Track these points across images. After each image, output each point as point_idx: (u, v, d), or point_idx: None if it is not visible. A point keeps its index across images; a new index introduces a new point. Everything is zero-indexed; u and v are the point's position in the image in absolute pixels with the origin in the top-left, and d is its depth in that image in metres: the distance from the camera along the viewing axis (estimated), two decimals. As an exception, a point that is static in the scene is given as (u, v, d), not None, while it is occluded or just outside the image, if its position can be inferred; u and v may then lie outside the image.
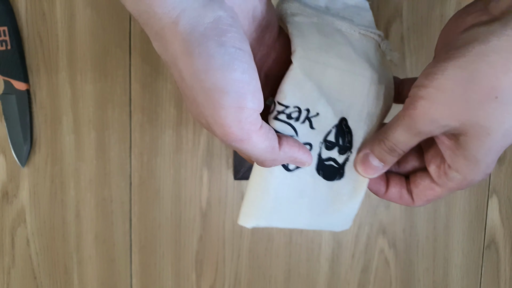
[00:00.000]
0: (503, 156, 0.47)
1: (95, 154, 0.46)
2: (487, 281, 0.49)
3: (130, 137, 0.46)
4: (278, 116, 0.29)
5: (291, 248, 0.48)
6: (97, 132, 0.45)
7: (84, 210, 0.47)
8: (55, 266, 0.47)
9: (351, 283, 0.49)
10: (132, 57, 0.45)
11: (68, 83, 0.45)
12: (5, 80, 0.44)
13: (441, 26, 0.44)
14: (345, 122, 0.31)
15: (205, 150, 0.46)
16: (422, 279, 0.49)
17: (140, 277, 0.48)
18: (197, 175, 0.46)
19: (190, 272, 0.48)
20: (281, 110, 0.29)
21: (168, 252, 0.47)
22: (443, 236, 0.48)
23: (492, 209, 0.48)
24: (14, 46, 0.43)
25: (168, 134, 0.46)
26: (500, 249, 0.49)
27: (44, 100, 0.45)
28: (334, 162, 0.31)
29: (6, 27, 0.43)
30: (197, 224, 0.47)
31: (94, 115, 0.45)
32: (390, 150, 0.28)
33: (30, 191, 0.46)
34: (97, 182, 0.46)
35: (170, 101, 0.45)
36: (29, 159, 0.46)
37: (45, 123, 0.45)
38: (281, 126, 0.29)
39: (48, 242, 0.47)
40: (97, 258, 0.47)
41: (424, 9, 0.44)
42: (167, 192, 0.46)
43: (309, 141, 0.30)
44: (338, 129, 0.31)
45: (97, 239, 0.47)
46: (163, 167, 0.46)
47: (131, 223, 0.47)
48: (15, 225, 0.47)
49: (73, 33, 0.44)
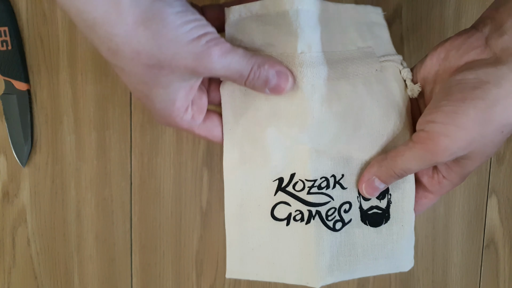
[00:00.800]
0: (503, 156, 0.48)
1: (96, 154, 0.46)
2: (487, 280, 0.49)
3: (130, 137, 0.46)
4: (311, 191, 0.32)
5: (291, 248, 0.48)
6: (98, 132, 0.46)
7: (85, 210, 0.47)
8: (56, 266, 0.48)
9: (351, 283, 0.49)
10: (132, 57, 0.45)
11: (68, 83, 0.45)
12: (5, 80, 0.44)
13: (441, 26, 0.45)
14: None
15: (205, 150, 0.46)
16: (421, 279, 0.49)
17: (140, 276, 0.48)
18: (197, 175, 0.46)
19: (190, 272, 0.48)
20: (311, 185, 0.32)
21: (168, 252, 0.47)
22: (442, 236, 0.48)
23: (491, 209, 0.48)
24: (15, 46, 0.43)
25: (169, 134, 0.46)
26: (499, 249, 0.49)
27: (45, 100, 0.45)
28: (378, 209, 0.33)
29: (7, 27, 0.43)
30: (197, 224, 0.47)
31: (95, 115, 0.45)
32: (398, 176, 0.30)
33: (31, 191, 0.46)
34: (98, 182, 0.46)
35: (171, 101, 0.45)
36: (29, 159, 0.46)
37: (46, 123, 0.45)
38: (316, 197, 0.32)
39: (49, 242, 0.47)
40: (97, 258, 0.47)
41: (423, 10, 0.45)
42: (167, 192, 0.47)
43: (347, 200, 0.33)
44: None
45: (97, 239, 0.47)
46: (163, 167, 0.46)
47: (131, 223, 0.47)
48: (15, 225, 0.47)
49: (74, 33, 0.44)
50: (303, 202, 0.32)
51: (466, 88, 0.27)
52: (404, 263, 0.34)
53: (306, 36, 0.30)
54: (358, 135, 0.32)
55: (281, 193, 0.33)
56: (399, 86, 0.33)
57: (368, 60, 0.32)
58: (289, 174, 0.32)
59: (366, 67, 0.32)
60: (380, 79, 0.32)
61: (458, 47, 0.29)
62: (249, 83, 0.28)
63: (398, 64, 0.33)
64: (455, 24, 0.45)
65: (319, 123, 0.31)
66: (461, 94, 0.27)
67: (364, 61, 0.32)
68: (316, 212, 0.32)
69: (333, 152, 0.32)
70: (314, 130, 0.31)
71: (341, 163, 0.32)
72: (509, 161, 0.47)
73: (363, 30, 0.33)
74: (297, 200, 0.32)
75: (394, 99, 0.33)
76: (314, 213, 0.32)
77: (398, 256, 0.34)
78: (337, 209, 0.32)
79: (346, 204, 0.33)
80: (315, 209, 0.32)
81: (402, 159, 0.29)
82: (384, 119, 0.32)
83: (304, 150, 0.31)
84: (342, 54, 0.32)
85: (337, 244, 0.33)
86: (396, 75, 0.33)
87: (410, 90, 0.32)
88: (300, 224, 0.32)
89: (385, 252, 0.34)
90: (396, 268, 0.34)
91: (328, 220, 0.32)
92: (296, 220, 0.33)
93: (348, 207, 0.33)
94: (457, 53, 0.29)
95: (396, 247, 0.34)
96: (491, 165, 0.47)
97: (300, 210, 0.32)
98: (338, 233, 0.32)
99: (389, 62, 0.33)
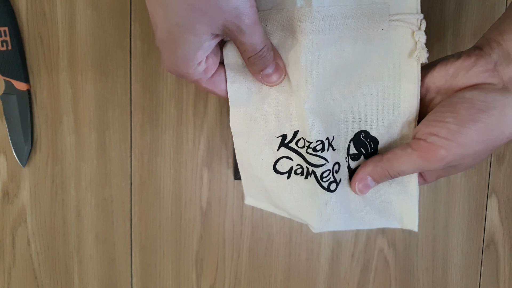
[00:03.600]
0: (503, 156, 0.47)
1: (96, 154, 0.46)
2: (487, 280, 0.49)
3: (130, 137, 0.46)
4: (308, 151, 0.33)
5: (291, 248, 0.48)
6: (98, 132, 0.46)
7: (85, 210, 0.47)
8: (56, 266, 0.48)
9: (351, 283, 0.49)
10: (132, 57, 0.45)
11: (68, 83, 0.45)
12: (5, 80, 0.44)
13: (441, 26, 0.45)
14: (364, 134, 0.34)
15: (205, 150, 0.46)
16: (421, 279, 0.49)
17: (140, 276, 0.48)
18: (197, 175, 0.46)
19: (190, 272, 0.48)
20: (308, 145, 0.33)
21: (168, 252, 0.47)
22: (442, 236, 0.48)
23: (491, 209, 0.48)
24: (15, 46, 0.43)
25: (169, 134, 0.46)
26: (499, 249, 0.49)
27: (45, 100, 0.45)
28: None
29: (7, 28, 0.43)
30: (197, 224, 0.47)
31: (95, 115, 0.45)
32: (391, 176, 0.32)
33: (31, 191, 0.46)
34: (98, 182, 0.46)
35: (171, 101, 0.45)
36: (29, 159, 0.46)
37: (46, 123, 0.45)
38: (312, 158, 0.33)
39: (49, 242, 0.47)
40: (97, 258, 0.47)
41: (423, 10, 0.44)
42: (167, 192, 0.47)
43: (337, 161, 0.34)
44: (356, 141, 0.34)
45: (97, 239, 0.47)
46: (163, 167, 0.46)
47: (131, 223, 0.47)
48: (15, 225, 0.47)
49: (74, 33, 0.44)
50: (303, 159, 0.34)
51: (473, 109, 0.29)
52: (405, 221, 0.35)
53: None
54: (347, 92, 0.33)
55: (284, 148, 0.34)
56: (403, 48, 0.32)
57: (377, 18, 0.31)
58: (292, 131, 0.34)
59: (372, 25, 0.31)
60: (383, 38, 0.32)
61: (468, 68, 0.30)
62: (253, 59, 0.30)
63: (412, 25, 0.31)
64: (455, 24, 0.45)
65: (315, 78, 0.31)
66: (468, 115, 0.29)
67: (372, 19, 0.31)
68: (312, 171, 0.33)
69: (327, 113, 0.33)
70: (311, 85, 0.31)
71: (333, 124, 0.33)
72: (509, 161, 0.47)
73: None
74: (299, 156, 0.34)
75: (392, 61, 0.32)
76: (311, 172, 0.34)
77: (391, 211, 0.35)
78: (331, 170, 0.33)
79: (336, 165, 0.34)
80: (311, 169, 0.33)
81: (398, 162, 0.31)
82: (374, 79, 0.32)
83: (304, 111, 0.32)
84: (352, 9, 0.31)
85: (332, 203, 0.34)
86: (404, 37, 0.32)
87: (417, 55, 0.32)
88: (300, 178, 0.34)
89: (375, 206, 0.35)
90: (393, 223, 0.35)
91: (323, 181, 0.33)
92: (296, 174, 0.35)
93: (338, 168, 0.34)
94: (466, 74, 0.30)
95: (385, 202, 0.35)
96: (491, 165, 0.47)
97: (301, 165, 0.34)
98: (333, 194, 0.34)
99: (400, 22, 0.31)
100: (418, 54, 0.32)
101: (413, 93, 0.32)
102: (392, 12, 0.31)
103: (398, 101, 0.32)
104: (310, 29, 0.30)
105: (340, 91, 0.32)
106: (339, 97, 0.33)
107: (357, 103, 0.33)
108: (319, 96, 0.32)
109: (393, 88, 0.32)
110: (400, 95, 0.32)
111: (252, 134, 0.35)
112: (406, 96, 0.32)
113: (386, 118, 0.33)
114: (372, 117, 0.33)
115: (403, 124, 0.33)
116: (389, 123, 0.33)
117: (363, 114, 0.33)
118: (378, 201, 0.35)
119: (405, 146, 0.31)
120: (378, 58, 0.32)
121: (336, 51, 0.31)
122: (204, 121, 0.45)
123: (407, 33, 0.32)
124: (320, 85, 0.32)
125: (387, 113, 0.33)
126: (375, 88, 0.32)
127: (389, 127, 0.33)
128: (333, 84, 0.32)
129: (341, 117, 0.33)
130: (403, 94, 0.32)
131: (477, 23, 0.45)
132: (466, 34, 0.45)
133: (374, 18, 0.31)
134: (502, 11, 0.45)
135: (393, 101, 0.32)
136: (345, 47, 0.31)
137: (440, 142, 0.29)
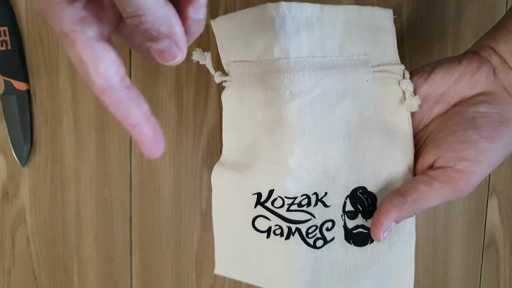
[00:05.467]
0: (503, 156, 0.47)
1: (96, 154, 0.46)
2: (487, 281, 0.49)
3: (130, 137, 0.46)
4: (291, 208, 0.31)
5: (291, 248, 0.48)
6: (98, 132, 0.46)
7: (84, 210, 0.47)
8: (55, 266, 0.48)
9: (351, 283, 0.49)
10: (132, 57, 0.45)
11: (68, 83, 0.45)
12: (5, 80, 0.44)
13: (441, 26, 0.45)
14: (361, 190, 0.32)
15: (205, 150, 0.46)
16: (421, 279, 0.49)
17: (140, 277, 0.48)
18: (197, 175, 0.46)
19: (190, 272, 0.48)
20: (291, 203, 0.31)
21: (168, 252, 0.47)
22: (442, 236, 0.48)
23: (491, 209, 0.48)
24: (15, 46, 0.43)
25: (168, 134, 0.46)
26: (499, 249, 0.49)
27: (45, 100, 0.45)
28: (363, 228, 0.32)
29: (7, 27, 0.43)
30: (197, 224, 0.47)
31: (95, 115, 0.45)
32: (415, 214, 0.30)
33: (30, 191, 0.46)
34: (97, 182, 0.46)
35: (170, 101, 0.45)
36: (29, 159, 0.46)
37: (46, 123, 0.45)
38: (296, 215, 0.31)
39: (48, 242, 0.47)
40: (97, 258, 0.47)
41: (423, 9, 0.45)
42: (167, 192, 0.47)
43: (329, 218, 0.32)
44: (352, 197, 0.32)
45: (97, 239, 0.47)
46: (163, 167, 0.46)
47: (131, 223, 0.47)
48: (15, 225, 0.47)
49: (74, 33, 0.44)
50: (282, 218, 0.31)
51: (493, 123, 0.28)
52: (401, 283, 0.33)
53: (284, 42, 0.29)
54: (342, 148, 0.31)
55: (260, 207, 0.32)
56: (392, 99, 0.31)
57: (360, 69, 0.30)
58: (267, 190, 0.31)
59: (356, 77, 0.30)
60: (369, 91, 0.31)
61: (472, 73, 0.29)
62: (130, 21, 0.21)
63: (396, 75, 0.31)
64: (455, 24, 0.45)
65: (299, 132, 0.30)
66: (492, 130, 0.27)
67: (355, 70, 0.30)
68: (296, 229, 0.31)
69: (318, 170, 0.31)
70: (295, 140, 0.30)
71: (326, 180, 0.31)
72: (509, 161, 0.47)
73: (362, 35, 0.31)
74: (276, 216, 0.31)
75: (383, 113, 0.31)
76: (294, 230, 0.31)
77: (386, 279, 0.33)
78: (318, 227, 0.31)
79: (329, 222, 0.32)
80: (295, 226, 0.31)
81: (426, 201, 0.29)
82: (369, 134, 0.31)
83: (285, 166, 0.30)
84: (333, 60, 0.30)
85: (318, 261, 0.32)
86: (390, 87, 0.31)
87: (408, 104, 0.31)
88: (280, 239, 0.32)
89: (370, 273, 0.32)
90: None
91: (308, 238, 0.31)
92: (276, 235, 0.32)
93: (331, 225, 0.32)
94: (471, 79, 0.29)
95: (382, 269, 0.32)
96: (492, 165, 0.47)
97: (279, 225, 0.32)
98: (319, 250, 0.31)
99: (383, 73, 0.31)
100: (409, 102, 0.31)
101: (409, 146, 0.32)
102: (374, 63, 0.31)
103: (396, 155, 0.31)
104: (289, 80, 0.29)
105: (333, 147, 0.31)
106: (335, 154, 0.31)
107: (354, 160, 0.31)
108: (308, 151, 0.30)
109: (390, 141, 0.31)
110: (397, 147, 0.31)
111: (232, 188, 0.33)
112: (404, 148, 0.31)
113: (384, 172, 0.32)
114: (370, 172, 0.31)
115: (401, 177, 0.32)
116: (387, 177, 0.32)
117: (361, 171, 0.31)
118: (375, 267, 0.32)
119: (429, 181, 0.28)
120: (368, 112, 0.31)
121: (321, 105, 0.30)
122: (204, 121, 0.45)
123: (393, 83, 0.31)
124: (306, 140, 0.30)
125: (385, 167, 0.32)
126: (372, 143, 0.31)
127: (387, 181, 0.32)
128: (324, 139, 0.30)
129: (337, 174, 0.31)
130: (400, 146, 0.31)
131: (477, 23, 0.45)
132: (466, 34, 0.45)
133: (357, 69, 0.30)
134: (502, 11, 0.45)
135: (391, 155, 0.31)
136: (330, 100, 0.30)
137: (472, 167, 0.27)
